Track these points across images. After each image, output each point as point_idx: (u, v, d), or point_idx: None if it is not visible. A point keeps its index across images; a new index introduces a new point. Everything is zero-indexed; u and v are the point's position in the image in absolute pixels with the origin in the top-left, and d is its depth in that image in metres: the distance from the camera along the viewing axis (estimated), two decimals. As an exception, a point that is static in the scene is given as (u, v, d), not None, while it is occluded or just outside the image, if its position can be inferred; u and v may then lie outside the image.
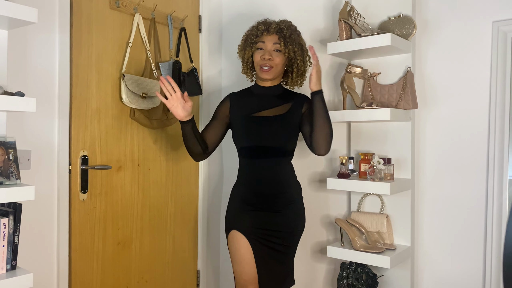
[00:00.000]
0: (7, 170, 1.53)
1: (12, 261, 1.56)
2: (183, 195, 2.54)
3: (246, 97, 2.04)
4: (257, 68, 1.96)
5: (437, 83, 2.06)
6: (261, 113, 1.97)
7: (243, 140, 1.99)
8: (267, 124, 1.94)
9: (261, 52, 1.93)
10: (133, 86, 2.15)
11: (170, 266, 2.47)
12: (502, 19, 1.89)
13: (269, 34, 1.93)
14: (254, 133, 1.95)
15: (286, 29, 1.93)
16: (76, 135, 2.01)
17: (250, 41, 1.96)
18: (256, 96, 2.02)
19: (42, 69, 1.89)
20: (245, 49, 2.00)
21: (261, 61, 1.93)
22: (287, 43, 1.91)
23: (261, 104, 1.98)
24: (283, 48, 1.91)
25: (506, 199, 1.88)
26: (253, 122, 1.96)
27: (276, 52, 1.93)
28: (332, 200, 2.37)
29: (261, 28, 1.94)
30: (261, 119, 1.96)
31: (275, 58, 1.92)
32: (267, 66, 1.92)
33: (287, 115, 1.95)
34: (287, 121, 1.95)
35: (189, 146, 1.99)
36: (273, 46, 1.93)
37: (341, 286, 2.13)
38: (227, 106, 2.05)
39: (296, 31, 1.99)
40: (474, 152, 1.97)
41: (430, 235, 2.08)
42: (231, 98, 2.07)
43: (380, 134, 2.15)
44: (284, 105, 1.98)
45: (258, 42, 1.94)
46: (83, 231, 2.03)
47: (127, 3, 2.20)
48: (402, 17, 2.04)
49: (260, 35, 1.94)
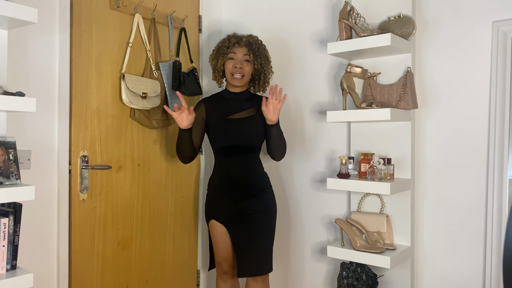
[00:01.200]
0: (7, 170, 1.53)
1: (12, 261, 1.56)
2: (183, 195, 2.54)
3: (218, 101, 2.26)
4: (229, 75, 2.20)
5: (437, 83, 2.06)
6: (234, 115, 2.21)
7: (222, 141, 2.21)
8: (241, 125, 2.19)
9: (233, 62, 2.18)
10: (133, 86, 2.15)
11: (170, 266, 2.47)
12: (502, 19, 1.89)
13: (240, 46, 2.18)
14: (231, 134, 2.19)
15: (254, 43, 2.20)
16: (76, 135, 2.01)
17: (222, 51, 2.21)
18: (228, 100, 2.24)
19: (42, 69, 1.90)
20: (217, 58, 2.23)
21: (233, 69, 2.18)
22: (256, 56, 2.19)
23: (233, 108, 2.22)
24: (252, 59, 2.19)
25: (506, 199, 1.88)
26: (229, 124, 2.19)
27: (246, 62, 2.18)
28: (332, 200, 2.37)
29: (233, 40, 2.19)
30: (236, 121, 2.20)
31: (245, 67, 2.18)
32: (239, 74, 2.17)
33: (256, 116, 2.21)
34: (256, 122, 2.20)
35: (184, 150, 2.22)
36: (243, 57, 2.18)
37: (341, 286, 2.13)
38: (203, 110, 2.25)
39: (262, 45, 2.26)
40: (474, 152, 1.97)
41: (430, 235, 2.08)
42: (205, 103, 2.27)
43: (380, 134, 2.14)
44: (252, 108, 2.23)
45: (230, 53, 2.19)
46: (83, 231, 2.03)
47: (127, 3, 2.20)
48: (402, 17, 2.04)
49: (231, 47, 2.19)
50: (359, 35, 2.05)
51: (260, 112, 2.17)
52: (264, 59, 2.22)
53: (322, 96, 2.41)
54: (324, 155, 2.41)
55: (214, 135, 2.24)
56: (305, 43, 2.46)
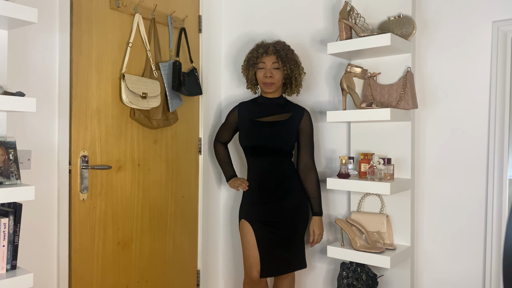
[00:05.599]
0: (7, 170, 1.53)
1: (12, 261, 1.56)
2: (183, 195, 2.54)
3: (252, 106, 2.37)
4: (261, 84, 2.28)
5: (437, 83, 2.06)
6: (264, 118, 2.29)
7: (246, 140, 2.32)
8: (268, 128, 2.27)
9: (263, 71, 2.25)
10: (133, 86, 2.15)
11: (170, 266, 2.47)
12: (502, 19, 1.89)
13: (268, 55, 2.24)
14: (256, 135, 2.28)
15: (282, 50, 2.24)
16: (76, 135, 2.01)
17: (252, 62, 2.29)
18: (261, 105, 2.34)
19: (42, 69, 1.90)
20: (248, 69, 2.32)
21: (264, 79, 2.25)
22: (284, 62, 2.23)
23: (264, 112, 2.31)
24: (281, 66, 2.23)
25: (506, 199, 1.88)
26: (257, 126, 2.30)
27: (275, 70, 2.24)
28: (332, 200, 2.37)
29: (261, 51, 2.25)
30: (264, 124, 2.29)
31: (275, 75, 2.23)
32: (269, 82, 2.23)
33: (286, 121, 2.27)
34: (286, 127, 2.26)
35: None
36: (272, 65, 2.24)
37: (341, 286, 2.13)
38: (235, 114, 2.41)
39: (290, 49, 2.29)
40: (474, 152, 1.97)
41: (430, 235, 2.08)
42: (240, 106, 2.42)
43: (380, 134, 2.14)
44: (285, 114, 2.29)
45: (259, 62, 2.26)
46: (83, 231, 2.03)
47: (127, 3, 2.20)
48: (402, 17, 2.03)
49: (260, 57, 2.25)
50: (359, 35, 2.05)
51: (293, 120, 2.26)
52: (293, 63, 2.25)
53: (322, 96, 2.41)
54: (324, 155, 2.41)
55: (241, 135, 2.37)
56: (305, 43, 2.46)
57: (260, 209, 2.24)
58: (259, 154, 2.27)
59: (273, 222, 2.21)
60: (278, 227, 2.21)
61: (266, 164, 2.26)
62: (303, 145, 2.27)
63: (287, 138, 2.25)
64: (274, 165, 2.25)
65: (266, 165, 2.26)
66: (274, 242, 2.20)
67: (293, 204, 2.23)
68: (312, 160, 2.27)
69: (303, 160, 2.27)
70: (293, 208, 2.23)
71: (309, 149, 2.27)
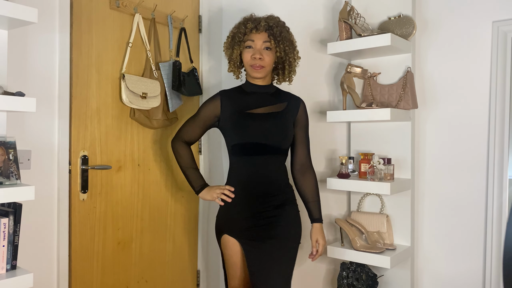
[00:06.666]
0: (7, 170, 1.53)
1: (12, 261, 1.56)
2: (183, 195, 2.54)
3: (238, 95, 1.96)
4: (248, 67, 1.91)
5: (437, 83, 2.06)
6: (256, 110, 1.90)
7: (236, 137, 1.90)
8: (261, 121, 1.88)
9: (251, 51, 1.87)
10: (133, 86, 2.15)
11: (170, 266, 2.47)
12: (502, 19, 1.89)
13: (258, 32, 1.86)
14: (248, 130, 1.87)
15: (275, 26, 1.87)
16: (76, 135, 2.01)
17: (238, 39, 1.89)
18: (249, 94, 1.95)
19: (42, 69, 1.89)
20: (232, 47, 1.91)
21: (252, 61, 1.87)
22: (278, 41, 1.86)
23: (255, 102, 1.92)
24: (274, 46, 1.86)
25: (506, 199, 1.88)
26: (248, 119, 1.88)
27: (266, 50, 1.87)
28: (332, 200, 2.37)
29: (250, 26, 1.86)
30: (256, 116, 1.89)
31: (265, 57, 1.86)
32: (258, 65, 1.86)
33: (283, 113, 1.92)
34: (283, 119, 1.91)
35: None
36: (263, 44, 1.86)
37: (341, 286, 2.13)
38: (218, 105, 1.95)
39: (285, 27, 1.93)
40: (474, 152, 1.97)
41: (430, 235, 2.08)
42: (222, 96, 1.97)
43: (380, 134, 2.14)
44: (280, 104, 1.94)
45: (247, 40, 1.87)
46: (83, 231, 2.03)
47: (127, 3, 2.20)
48: (402, 17, 2.04)
49: (248, 33, 1.87)
50: (359, 35, 2.05)
51: (290, 111, 1.93)
52: (288, 44, 1.88)
53: (322, 96, 2.41)
54: (324, 155, 2.41)
55: (228, 131, 1.93)
56: (305, 43, 2.46)
57: (251, 223, 1.86)
58: (252, 153, 1.87)
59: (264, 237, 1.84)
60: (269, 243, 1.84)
61: (261, 166, 1.88)
62: (299, 141, 1.96)
63: (285, 133, 1.90)
64: (270, 166, 1.89)
65: (260, 166, 1.88)
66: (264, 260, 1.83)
67: (293, 214, 1.93)
68: (310, 158, 1.99)
69: (300, 159, 1.96)
70: (293, 218, 1.93)
71: (306, 145, 1.97)
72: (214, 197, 1.93)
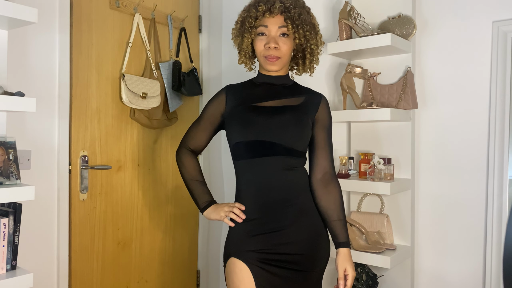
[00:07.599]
0: (7, 170, 1.53)
1: (12, 261, 1.56)
2: (183, 195, 2.54)
3: (247, 88, 1.65)
4: (261, 58, 1.57)
5: (437, 83, 2.06)
6: (265, 103, 1.57)
7: (239, 134, 1.56)
8: (271, 115, 1.54)
9: (264, 39, 1.54)
10: (133, 86, 2.15)
11: (170, 266, 2.47)
12: (502, 19, 1.89)
13: (272, 15, 1.51)
14: (257, 125, 1.53)
15: (293, 8, 1.51)
16: (76, 135, 2.01)
17: (248, 25, 1.55)
18: (260, 85, 1.63)
19: (42, 69, 1.89)
20: (242, 35, 1.58)
21: (266, 51, 1.53)
22: (297, 26, 1.51)
23: (266, 94, 1.59)
24: (292, 32, 1.52)
25: (506, 199, 1.88)
26: (252, 112, 1.55)
27: (283, 37, 1.53)
28: (332, 200, 2.37)
29: (262, 8, 1.51)
30: (264, 109, 1.55)
31: (282, 46, 1.52)
32: (273, 56, 1.53)
33: (299, 108, 1.58)
34: (300, 114, 1.56)
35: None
36: (278, 30, 1.52)
37: (341, 286, 2.13)
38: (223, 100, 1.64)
39: (304, 7, 1.57)
40: (474, 152, 1.97)
41: (430, 235, 2.08)
42: (228, 90, 1.66)
43: (380, 134, 2.14)
44: (296, 98, 1.60)
45: (259, 26, 1.54)
46: (83, 231, 2.03)
47: (127, 3, 2.20)
48: (402, 17, 2.04)
49: (260, 18, 1.53)
50: (359, 35, 2.05)
51: (308, 106, 1.60)
52: (309, 28, 1.54)
53: (322, 96, 2.41)
54: (324, 155, 2.40)
55: (229, 128, 1.60)
56: (305, 43, 2.46)
57: (262, 242, 1.50)
58: (261, 155, 1.52)
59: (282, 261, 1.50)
60: (289, 267, 1.50)
61: (272, 170, 1.52)
62: (319, 144, 1.60)
63: (300, 131, 1.55)
64: (283, 171, 1.53)
65: (271, 171, 1.52)
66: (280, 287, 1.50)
67: (312, 231, 1.55)
68: (333, 166, 1.62)
69: (322, 166, 1.59)
70: (312, 237, 1.55)
71: (328, 150, 1.61)
72: (223, 216, 1.58)
